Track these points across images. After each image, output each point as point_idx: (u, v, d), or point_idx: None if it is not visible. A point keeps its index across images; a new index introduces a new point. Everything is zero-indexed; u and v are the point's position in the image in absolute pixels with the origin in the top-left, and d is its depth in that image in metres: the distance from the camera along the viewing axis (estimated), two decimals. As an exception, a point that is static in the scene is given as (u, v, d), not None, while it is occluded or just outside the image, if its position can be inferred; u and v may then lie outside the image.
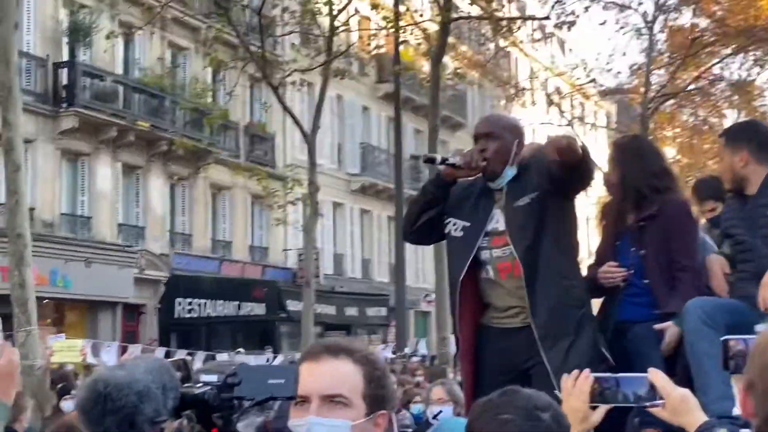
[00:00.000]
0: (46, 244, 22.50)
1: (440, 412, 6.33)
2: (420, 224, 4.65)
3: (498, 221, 4.54)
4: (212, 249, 29.10)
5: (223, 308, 27.28)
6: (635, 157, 4.94)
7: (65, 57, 24.39)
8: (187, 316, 26.89)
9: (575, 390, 2.78)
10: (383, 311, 32.34)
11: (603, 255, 4.91)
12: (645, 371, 2.82)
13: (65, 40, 24.31)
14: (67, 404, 10.75)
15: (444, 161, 4.52)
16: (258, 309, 27.46)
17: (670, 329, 4.54)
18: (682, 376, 4.31)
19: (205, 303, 26.99)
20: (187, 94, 26.69)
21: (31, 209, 22.90)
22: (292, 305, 26.50)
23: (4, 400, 3.24)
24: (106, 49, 23.27)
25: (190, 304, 26.83)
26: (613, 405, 2.79)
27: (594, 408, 2.77)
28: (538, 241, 4.44)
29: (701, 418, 2.68)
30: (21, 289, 11.44)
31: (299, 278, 25.01)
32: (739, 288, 4.57)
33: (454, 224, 4.59)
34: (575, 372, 2.81)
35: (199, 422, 1.94)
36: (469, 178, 4.61)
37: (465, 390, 4.66)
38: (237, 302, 27.32)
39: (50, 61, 23.73)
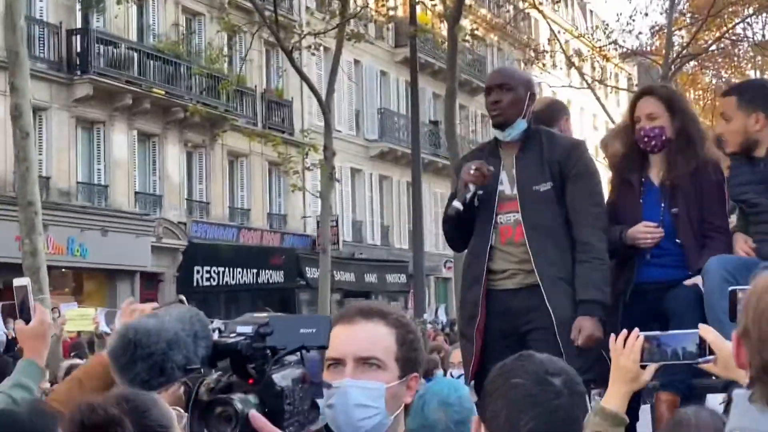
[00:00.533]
0: (63, 213, 22.45)
1: (461, 375, 6.22)
2: (462, 235, 4.68)
3: (504, 184, 4.53)
4: (230, 217, 28.96)
5: (242, 276, 27.17)
6: (688, 107, 4.80)
7: (78, 24, 24.14)
8: (206, 284, 26.81)
9: (626, 349, 2.78)
10: (403, 278, 32.15)
11: (624, 213, 4.68)
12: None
13: (78, 6, 24.04)
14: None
15: (465, 202, 4.47)
16: (276, 276, 27.34)
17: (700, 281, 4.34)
18: None
19: (224, 271, 26.89)
20: (203, 60, 26.44)
21: (47, 178, 22.89)
22: (311, 272, 26.34)
23: (37, 360, 3.14)
24: (117, 15, 22.97)
25: (208, 272, 26.74)
26: (663, 363, 2.78)
27: (644, 367, 2.78)
28: (551, 222, 4.46)
29: None
30: (32, 257, 11.29)
31: (318, 245, 24.82)
32: (757, 250, 4.37)
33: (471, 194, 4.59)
34: (624, 331, 2.78)
35: (235, 373, 1.87)
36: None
37: (474, 353, 4.53)
38: (256, 270, 27.20)
39: (63, 28, 23.50)
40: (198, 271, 26.63)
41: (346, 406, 2.28)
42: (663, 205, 4.58)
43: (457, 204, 4.43)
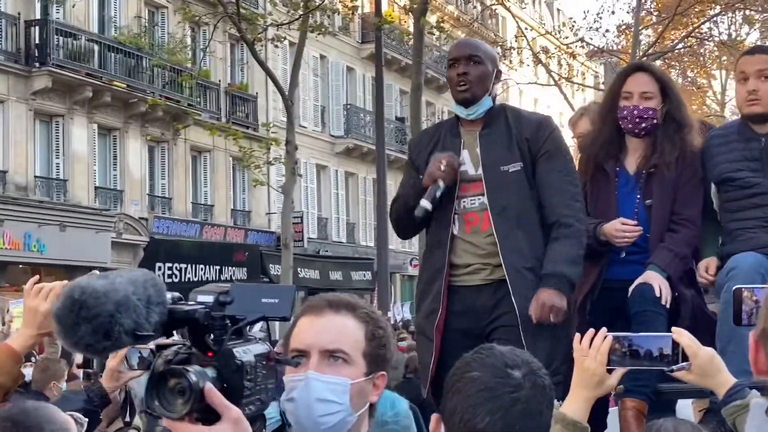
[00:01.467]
0: (20, 208, 21.98)
1: None
2: (416, 226, 4.35)
3: (467, 164, 4.13)
4: (193, 213, 28.53)
5: (205, 273, 26.77)
6: (678, 91, 4.42)
7: (38, 15, 23.63)
8: (168, 280, 26.26)
9: (591, 351, 2.55)
10: (368, 275, 31.89)
11: (597, 203, 4.34)
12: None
13: (37, -3, 23.56)
14: (26, 371, 10.34)
15: (434, 201, 4.10)
16: (239, 273, 27.01)
17: (649, 278, 4.02)
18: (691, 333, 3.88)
19: (186, 267, 26.46)
20: (165, 53, 26.00)
21: (4, 172, 22.41)
22: (275, 269, 26.04)
23: None
24: (75, 4, 22.45)
25: (170, 268, 26.28)
26: (632, 368, 2.56)
27: (610, 371, 2.57)
28: (521, 206, 4.09)
29: (730, 379, 2.50)
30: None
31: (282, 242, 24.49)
32: (749, 238, 4.03)
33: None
34: (591, 330, 2.56)
35: (193, 344, 1.74)
36: (431, 126, 4.37)
37: (434, 353, 4.15)
38: (218, 266, 26.85)
39: (21, 19, 22.98)
40: (160, 268, 26.10)
41: (308, 400, 2.17)
42: (639, 196, 4.26)
43: (425, 204, 4.07)
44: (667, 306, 4.01)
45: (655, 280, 4.04)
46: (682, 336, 2.52)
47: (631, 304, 4.07)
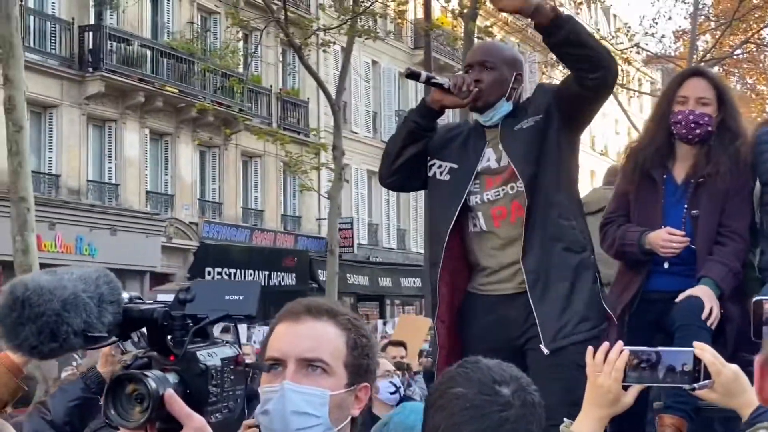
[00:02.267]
0: (72, 212, 22.20)
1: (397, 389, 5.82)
2: (401, 163, 3.96)
3: (490, 160, 3.87)
4: (243, 218, 28.61)
5: (254, 278, 26.78)
6: (735, 100, 4.24)
7: (92, 20, 23.86)
8: (217, 285, 26.45)
9: (606, 366, 2.32)
10: (418, 282, 31.71)
11: (643, 211, 4.15)
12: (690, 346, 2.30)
13: (91, 3, 23.78)
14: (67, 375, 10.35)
15: (430, 79, 3.88)
16: (288, 279, 27.01)
17: (700, 292, 3.85)
18: (732, 354, 3.64)
19: (235, 272, 26.53)
20: (217, 59, 26.13)
21: (57, 176, 22.66)
22: (323, 275, 25.92)
23: None
24: (124, 9, 22.64)
25: (219, 273, 26.39)
26: (650, 385, 2.33)
27: (626, 388, 2.34)
28: (538, 172, 3.76)
29: (756, 400, 2.27)
30: (24, 256, 10.91)
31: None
32: None
33: (440, 166, 3.94)
34: (605, 344, 2.36)
35: (152, 347, 1.64)
36: (454, 123, 4.03)
37: (439, 359, 3.88)
38: (267, 272, 26.87)
39: (76, 24, 23.22)
40: (209, 273, 26.27)
41: (284, 413, 1.99)
42: (686, 206, 4.08)
43: (422, 71, 3.93)
44: (713, 327, 3.83)
45: (707, 297, 3.86)
46: (705, 351, 2.32)
47: (675, 316, 3.89)
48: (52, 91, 22.63)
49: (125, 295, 1.65)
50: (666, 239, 4.00)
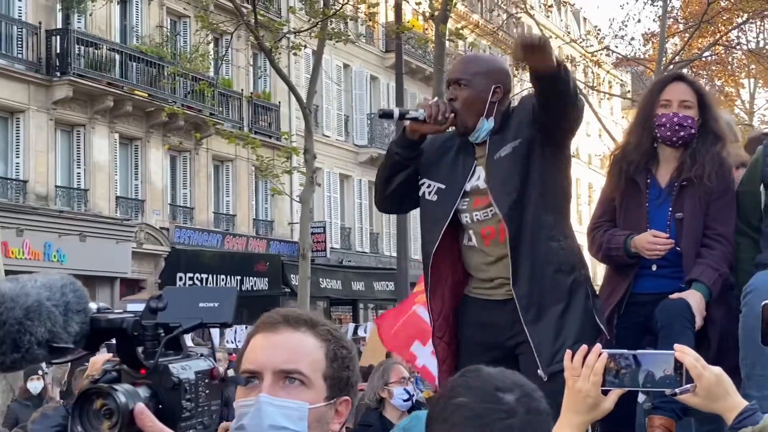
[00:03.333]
0: (40, 218, 21.96)
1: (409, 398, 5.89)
2: (391, 191, 3.99)
3: (480, 178, 3.89)
4: (215, 222, 28.44)
5: (226, 283, 26.61)
6: (715, 103, 4.36)
7: (59, 24, 23.63)
8: (189, 291, 26.24)
9: (584, 370, 2.27)
10: (391, 285, 31.55)
11: (628, 215, 4.21)
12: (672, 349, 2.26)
13: (58, 6, 23.53)
14: (33, 384, 10.21)
15: (403, 115, 3.85)
16: (261, 284, 26.87)
17: (692, 297, 3.91)
18: (717, 357, 3.72)
19: (207, 278, 26.35)
20: (187, 63, 25.93)
21: (24, 182, 22.39)
22: (296, 279, 25.79)
23: None
24: (92, 12, 22.42)
25: (191, 279, 26.19)
26: (631, 389, 2.26)
27: (606, 392, 2.28)
28: (522, 197, 3.76)
29: (740, 402, 2.25)
30: (-11, 262, 10.72)
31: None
32: None
33: (429, 186, 3.97)
34: (584, 347, 2.30)
35: (122, 359, 1.57)
36: (446, 132, 3.91)
37: (440, 374, 4.05)
38: (240, 277, 26.71)
39: (43, 28, 22.97)
40: (181, 278, 26.07)
41: (260, 428, 1.89)
42: (670, 208, 4.14)
43: (395, 109, 3.93)
44: (695, 328, 3.90)
45: (696, 303, 3.93)
46: (686, 354, 2.25)
47: (658, 317, 3.95)
48: (19, 96, 22.39)
49: (93, 305, 1.57)
50: (651, 242, 4.05)
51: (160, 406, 1.54)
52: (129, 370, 1.55)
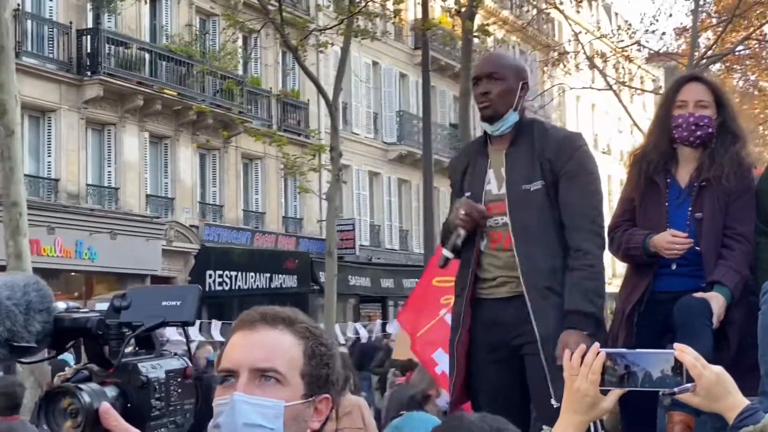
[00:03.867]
0: (71, 216, 22.15)
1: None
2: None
3: (491, 183, 4.13)
4: (244, 220, 28.55)
5: (255, 280, 26.75)
6: (732, 102, 4.40)
7: (90, 24, 23.82)
8: (219, 288, 26.39)
9: (582, 369, 2.25)
10: (421, 283, 31.60)
11: (647, 215, 4.24)
12: (692, 347, 2.28)
13: (89, 6, 23.72)
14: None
15: (456, 249, 4.20)
16: (290, 281, 26.93)
17: (715, 300, 3.94)
18: (736, 356, 3.83)
19: (237, 275, 26.47)
20: (216, 61, 26.07)
21: (56, 180, 22.61)
22: (324, 277, 25.86)
23: None
24: (120, 12, 22.56)
25: (221, 276, 26.32)
26: (630, 389, 2.26)
27: (606, 392, 2.26)
28: (541, 226, 4.09)
29: (741, 401, 2.23)
30: (17, 260, 10.84)
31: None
32: None
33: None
34: (582, 347, 2.29)
35: (90, 358, 1.57)
36: (466, 146, 4.63)
37: (456, 372, 4.17)
38: (269, 274, 26.79)
39: (74, 28, 23.17)
40: (210, 276, 26.21)
41: (234, 426, 1.88)
42: (689, 208, 4.16)
43: (447, 254, 4.19)
44: (715, 327, 3.94)
45: (717, 305, 3.96)
46: (685, 354, 2.22)
47: (676, 315, 3.98)
48: (51, 96, 22.60)
49: (61, 305, 1.57)
50: (670, 241, 4.07)
51: (129, 405, 1.54)
52: (97, 369, 1.56)
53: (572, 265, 3.98)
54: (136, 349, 1.68)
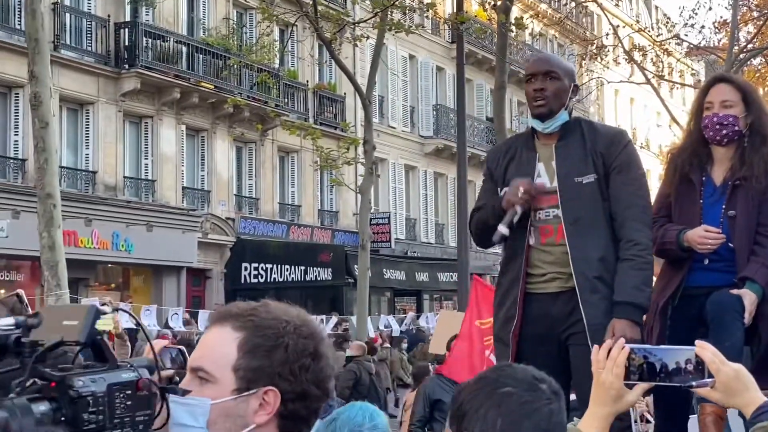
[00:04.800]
0: (108, 208, 22.35)
1: None
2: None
3: (542, 176, 4.24)
4: (280, 213, 28.65)
5: (290, 273, 26.84)
6: (763, 102, 4.48)
7: (127, 17, 24.01)
8: (254, 281, 26.52)
9: (608, 363, 2.39)
10: (455, 276, 31.46)
11: (682, 212, 4.36)
12: (723, 342, 2.47)
13: (127, 0, 23.92)
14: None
15: (511, 226, 4.22)
16: (325, 274, 26.97)
17: (747, 296, 4.05)
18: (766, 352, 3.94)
19: (272, 268, 26.58)
20: (253, 55, 26.16)
21: (94, 172, 22.83)
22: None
23: None
24: (155, 5, 22.68)
25: (256, 269, 26.44)
26: (652, 383, 2.38)
27: (631, 386, 2.39)
28: (594, 216, 4.19)
29: (759, 398, 2.32)
30: (50, 252, 10.95)
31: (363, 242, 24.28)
32: None
33: (504, 192, 4.34)
34: (608, 342, 2.42)
35: (32, 374, 1.63)
36: (511, 138, 4.50)
37: (510, 358, 4.26)
38: (304, 267, 26.85)
39: (111, 21, 23.37)
40: (246, 268, 26.35)
41: (170, 426, 1.91)
42: (723, 206, 4.26)
43: (503, 230, 4.17)
44: (746, 323, 4.04)
45: (749, 301, 4.07)
46: (705, 350, 2.31)
47: (708, 310, 4.09)
48: (89, 88, 22.81)
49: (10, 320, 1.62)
50: (703, 236, 4.17)
51: (63, 419, 1.58)
52: (43, 383, 1.60)
53: (623, 256, 4.07)
54: (85, 363, 1.72)
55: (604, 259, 4.11)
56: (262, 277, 26.52)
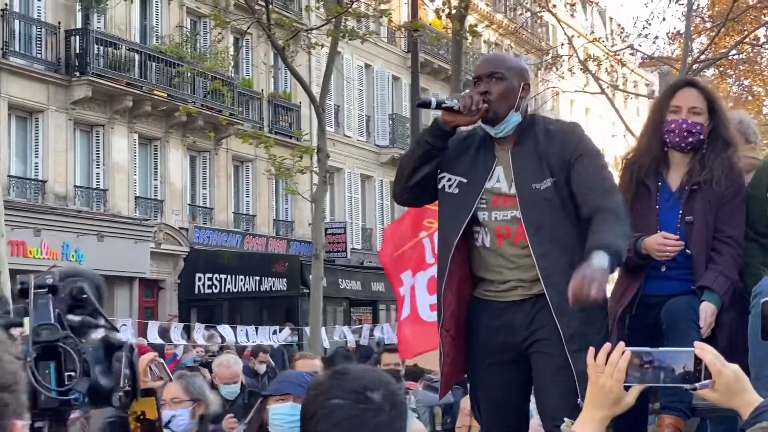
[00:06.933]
0: (58, 218, 21.99)
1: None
2: (415, 182, 4.09)
3: (500, 181, 4.01)
4: (235, 223, 28.40)
5: (245, 283, 26.62)
6: (724, 109, 4.46)
7: (78, 24, 23.68)
8: (208, 291, 26.27)
9: (608, 368, 2.36)
10: (412, 287, 31.44)
11: (638, 218, 4.23)
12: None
13: (78, 6, 23.57)
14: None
15: (440, 105, 3.97)
16: (280, 284, 26.77)
17: (707, 308, 4.02)
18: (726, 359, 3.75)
19: (226, 278, 26.34)
20: (207, 63, 25.90)
21: (43, 182, 22.43)
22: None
23: None
24: (106, 11, 22.41)
25: (210, 279, 26.18)
26: (651, 385, 2.40)
27: (627, 388, 2.39)
28: (553, 223, 3.97)
29: (756, 398, 2.34)
30: (-6, 261, 10.62)
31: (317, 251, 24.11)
32: None
33: (449, 180, 4.09)
34: (607, 345, 2.40)
35: None
36: (467, 128, 4.10)
37: (444, 366, 4.11)
38: (258, 277, 26.65)
39: (62, 27, 23.03)
40: (200, 279, 26.09)
41: None
42: (680, 212, 4.21)
43: (433, 98, 4.04)
44: (702, 335, 3.98)
45: (709, 312, 4.04)
46: (706, 352, 2.31)
47: (663, 317, 4.07)
48: (39, 96, 22.45)
49: None
50: (661, 243, 4.13)
51: None
52: None
53: (596, 219, 3.79)
54: None
55: (571, 265, 3.88)
56: (216, 288, 26.26)
